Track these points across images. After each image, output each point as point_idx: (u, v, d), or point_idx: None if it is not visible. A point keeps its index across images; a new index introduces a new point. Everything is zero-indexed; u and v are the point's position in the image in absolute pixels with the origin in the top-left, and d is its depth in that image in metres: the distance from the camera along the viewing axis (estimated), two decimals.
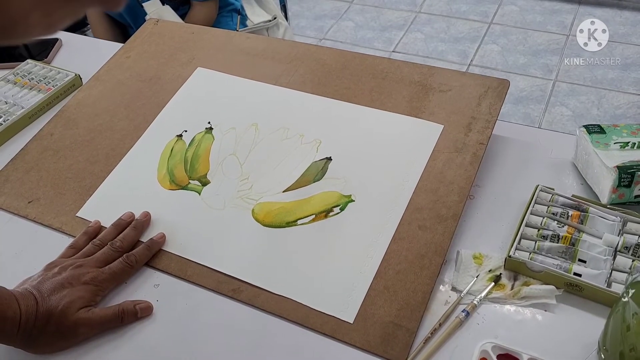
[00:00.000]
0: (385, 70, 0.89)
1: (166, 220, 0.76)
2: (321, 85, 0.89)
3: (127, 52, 1.02)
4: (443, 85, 0.85)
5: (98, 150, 0.87)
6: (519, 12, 2.72)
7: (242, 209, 0.76)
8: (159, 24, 1.07)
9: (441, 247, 0.68)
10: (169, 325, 0.67)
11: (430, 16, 2.76)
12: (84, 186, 0.82)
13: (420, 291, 0.65)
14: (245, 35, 1.04)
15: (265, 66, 0.94)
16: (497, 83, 0.84)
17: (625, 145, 0.74)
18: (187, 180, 0.81)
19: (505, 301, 0.65)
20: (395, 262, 0.68)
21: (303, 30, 2.74)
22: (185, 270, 0.71)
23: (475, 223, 0.74)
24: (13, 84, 1.04)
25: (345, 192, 0.76)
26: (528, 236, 0.70)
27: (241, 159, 0.82)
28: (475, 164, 0.75)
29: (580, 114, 2.17)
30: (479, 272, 0.68)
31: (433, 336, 0.63)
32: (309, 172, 0.79)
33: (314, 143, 0.82)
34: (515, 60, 2.44)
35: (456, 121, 0.80)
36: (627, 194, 0.71)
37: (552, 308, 0.64)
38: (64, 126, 0.92)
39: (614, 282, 0.64)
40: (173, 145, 0.85)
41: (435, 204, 0.72)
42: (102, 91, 0.96)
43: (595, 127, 0.77)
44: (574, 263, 0.66)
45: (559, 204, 0.73)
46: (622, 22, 2.57)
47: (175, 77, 0.96)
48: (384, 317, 0.64)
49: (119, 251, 0.71)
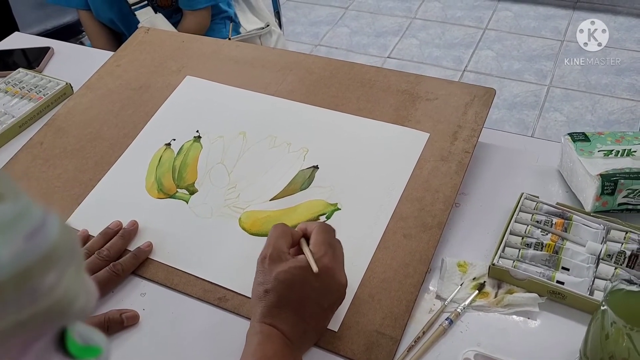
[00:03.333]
0: (372, 78, 0.90)
1: (154, 229, 0.77)
2: (309, 93, 0.90)
3: (118, 60, 1.03)
4: (430, 93, 0.86)
5: (87, 159, 0.87)
6: (513, 17, 2.74)
7: (229, 217, 0.77)
8: (150, 33, 1.08)
9: (426, 256, 0.69)
10: (155, 334, 0.67)
11: (425, 22, 2.77)
12: (73, 195, 0.82)
13: (404, 300, 0.66)
14: (235, 44, 1.05)
15: (254, 74, 0.95)
16: (483, 92, 0.84)
17: (609, 153, 0.75)
18: (174, 189, 0.81)
19: (489, 309, 0.66)
20: (380, 271, 0.68)
21: (298, 37, 2.75)
22: (172, 278, 0.72)
23: (460, 231, 0.74)
24: (4, 92, 1.04)
25: (332, 200, 0.76)
26: (512, 244, 0.70)
27: (229, 168, 0.82)
28: (460, 172, 0.76)
29: (575, 119, 2.18)
30: (463, 280, 0.68)
31: (417, 344, 0.63)
32: (295, 181, 0.79)
33: (301, 151, 0.82)
34: (510, 66, 2.45)
35: (442, 130, 0.81)
36: (610, 201, 0.71)
37: (535, 316, 0.65)
38: (53, 135, 0.92)
39: (596, 290, 0.64)
40: (161, 153, 0.86)
41: (420, 212, 0.73)
42: (92, 100, 0.97)
43: (579, 135, 0.78)
44: (557, 271, 0.67)
45: (543, 211, 0.73)
46: (616, 28, 2.59)
47: (165, 86, 0.96)
48: (368, 325, 0.64)
49: (105, 260, 0.72)
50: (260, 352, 0.56)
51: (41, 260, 0.23)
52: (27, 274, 0.22)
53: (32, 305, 0.23)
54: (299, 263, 0.59)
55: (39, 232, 0.23)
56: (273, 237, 0.62)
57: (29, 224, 0.23)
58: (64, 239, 0.24)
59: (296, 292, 0.59)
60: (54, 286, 0.23)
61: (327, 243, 0.61)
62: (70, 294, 0.24)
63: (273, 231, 0.62)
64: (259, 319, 0.58)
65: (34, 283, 0.22)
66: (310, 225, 0.63)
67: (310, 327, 0.60)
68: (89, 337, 0.26)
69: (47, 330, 0.24)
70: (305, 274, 0.58)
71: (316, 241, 0.61)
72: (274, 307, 0.58)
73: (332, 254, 0.61)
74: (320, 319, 0.61)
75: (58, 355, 0.24)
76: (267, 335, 0.57)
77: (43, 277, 0.23)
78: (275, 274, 0.58)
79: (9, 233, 0.22)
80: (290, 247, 0.62)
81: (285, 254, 0.60)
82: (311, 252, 0.60)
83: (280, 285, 0.58)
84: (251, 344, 0.57)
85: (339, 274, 0.61)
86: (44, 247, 0.23)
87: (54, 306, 0.24)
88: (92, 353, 0.26)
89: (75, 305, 0.25)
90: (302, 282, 0.58)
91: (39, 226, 0.23)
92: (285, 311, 0.58)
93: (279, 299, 0.58)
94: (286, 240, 0.62)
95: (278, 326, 0.58)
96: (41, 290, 0.23)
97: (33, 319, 0.23)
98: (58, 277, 0.23)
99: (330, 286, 0.60)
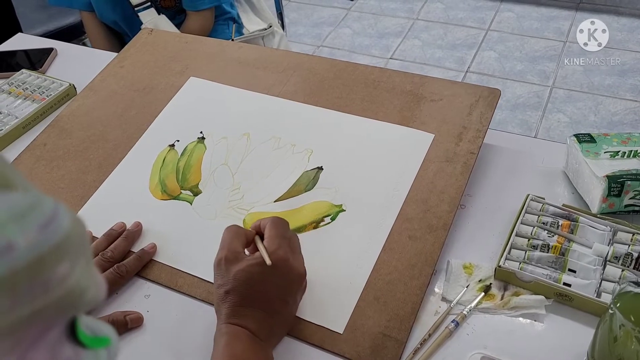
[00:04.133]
0: (377, 79, 0.89)
1: (157, 231, 0.76)
2: (313, 94, 0.89)
3: (121, 61, 1.03)
4: (434, 94, 0.85)
5: (91, 160, 0.87)
6: (516, 18, 2.73)
7: (234, 219, 0.76)
8: (153, 34, 1.07)
9: (431, 257, 0.68)
10: (159, 336, 0.67)
11: (428, 23, 2.77)
12: (76, 196, 0.82)
13: (410, 302, 0.65)
14: (238, 45, 1.05)
15: (258, 76, 0.94)
16: (488, 92, 0.84)
17: (615, 155, 0.74)
18: (178, 190, 0.81)
19: (495, 311, 0.65)
20: (385, 273, 0.68)
21: (301, 38, 2.75)
22: (176, 280, 0.71)
23: (466, 232, 0.74)
24: (7, 93, 1.04)
25: (336, 201, 0.76)
26: (518, 246, 0.70)
27: (233, 169, 0.82)
28: (466, 173, 0.75)
29: (577, 120, 2.18)
30: (469, 282, 0.68)
31: (422, 347, 0.63)
32: (300, 182, 0.79)
33: (305, 152, 0.82)
34: (512, 67, 2.45)
35: (447, 131, 0.80)
36: (617, 203, 0.71)
37: (542, 318, 0.64)
38: (57, 136, 0.92)
39: (603, 292, 0.64)
40: (165, 155, 0.86)
41: (425, 213, 0.72)
42: (96, 101, 0.96)
43: (585, 136, 0.77)
44: (564, 273, 0.66)
45: (549, 213, 0.73)
46: (619, 29, 2.58)
47: (169, 87, 0.96)
48: (373, 327, 0.64)
49: (109, 261, 0.72)
50: (228, 351, 0.56)
51: (54, 250, 0.23)
52: (41, 264, 0.22)
53: (45, 294, 0.23)
54: (255, 260, 0.60)
55: (52, 222, 0.23)
56: (227, 239, 0.62)
57: (43, 214, 0.23)
58: (75, 230, 0.24)
59: (256, 288, 0.59)
60: (66, 276, 0.23)
61: (281, 236, 0.62)
62: (81, 284, 0.25)
63: (226, 233, 0.63)
64: (224, 320, 0.59)
65: (47, 273, 0.23)
66: (263, 222, 0.64)
67: (276, 320, 0.61)
68: (97, 329, 0.27)
69: (59, 320, 0.25)
70: (262, 270, 0.59)
71: (269, 236, 0.62)
72: (238, 306, 0.59)
73: (287, 246, 0.62)
74: (285, 311, 0.62)
75: (69, 345, 0.25)
76: (233, 334, 0.58)
77: (56, 267, 0.23)
78: (234, 274, 0.59)
79: (24, 222, 0.22)
80: (245, 246, 0.63)
81: (241, 254, 0.61)
82: (265, 247, 0.61)
83: (240, 285, 0.59)
84: (219, 345, 0.58)
85: (296, 264, 0.62)
86: (57, 237, 0.23)
87: (66, 296, 0.24)
88: (102, 343, 0.26)
89: (85, 295, 0.25)
90: (260, 278, 0.59)
91: (52, 216, 0.23)
92: (249, 309, 0.59)
93: (240, 298, 0.59)
94: (240, 241, 0.63)
95: (244, 324, 0.58)
96: (54, 280, 0.23)
97: (46, 309, 0.23)
98: (70, 268, 0.24)
99: (288, 277, 0.61)
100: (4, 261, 0.21)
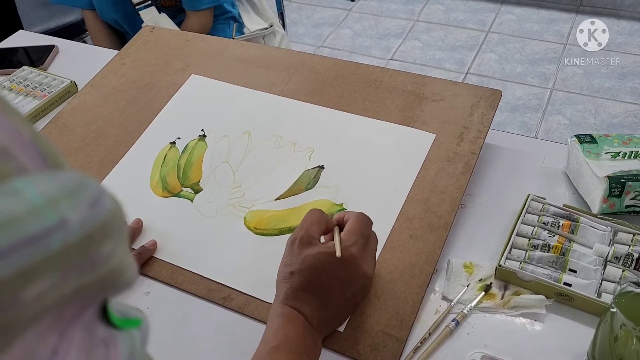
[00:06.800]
0: (378, 79, 0.89)
1: (158, 228, 0.76)
2: (314, 93, 0.89)
3: (123, 58, 1.03)
4: (436, 94, 0.86)
5: (92, 157, 0.87)
6: (516, 20, 2.74)
7: (234, 216, 0.76)
8: (155, 31, 1.07)
9: (432, 257, 0.68)
10: (159, 333, 0.66)
11: (428, 24, 2.77)
12: None
13: (410, 300, 0.65)
14: (240, 43, 1.05)
15: (260, 74, 0.94)
16: (490, 93, 0.84)
17: (616, 155, 0.74)
18: (179, 188, 0.81)
19: (496, 311, 0.65)
20: (385, 271, 0.68)
21: (301, 38, 2.75)
22: (176, 277, 0.71)
23: (467, 232, 0.74)
24: (9, 90, 1.04)
25: (337, 200, 0.76)
26: (519, 245, 0.70)
27: (234, 167, 0.82)
28: (467, 173, 0.75)
29: (577, 122, 2.18)
30: (469, 282, 0.68)
31: (423, 345, 0.63)
32: (301, 181, 0.79)
33: (306, 151, 0.82)
34: (513, 69, 2.45)
35: (448, 131, 0.81)
36: (617, 204, 0.71)
37: (542, 318, 0.64)
38: (58, 133, 0.92)
39: (604, 292, 0.64)
40: (166, 152, 0.86)
41: (426, 213, 0.72)
42: (97, 98, 0.96)
43: (586, 136, 0.78)
44: (565, 273, 0.66)
45: (550, 213, 0.73)
46: (619, 32, 2.58)
47: (170, 84, 0.96)
48: (374, 326, 0.64)
49: None
50: (283, 334, 0.57)
51: (101, 228, 0.23)
52: (90, 241, 0.23)
53: (92, 272, 0.23)
54: (327, 249, 0.60)
55: (99, 200, 0.24)
56: (307, 221, 0.62)
57: (91, 192, 0.24)
58: (117, 211, 0.25)
59: (321, 277, 0.59)
60: (110, 255, 0.24)
61: (359, 233, 0.62)
62: (122, 264, 0.25)
63: (309, 215, 0.63)
64: (282, 300, 0.59)
65: (95, 250, 0.23)
66: (348, 215, 0.64)
67: (331, 313, 0.61)
68: (127, 311, 0.27)
69: (99, 298, 0.25)
70: (331, 260, 0.59)
71: (349, 230, 0.62)
72: (299, 289, 0.59)
73: (363, 245, 0.61)
74: (342, 307, 0.62)
75: (102, 325, 0.25)
76: (289, 317, 0.58)
77: (102, 245, 0.24)
78: (303, 257, 0.59)
79: (76, 199, 0.23)
80: (322, 233, 0.63)
81: (316, 240, 0.61)
82: (340, 240, 0.60)
83: (305, 269, 0.59)
84: (273, 325, 0.58)
85: (366, 265, 0.62)
86: (104, 216, 0.24)
87: (108, 275, 0.24)
88: (133, 324, 0.27)
89: (125, 275, 0.26)
90: (327, 268, 0.59)
91: (98, 195, 0.24)
92: (309, 295, 0.59)
93: (303, 282, 0.59)
94: (319, 227, 0.62)
95: (301, 309, 0.59)
96: (100, 258, 0.24)
97: (90, 286, 0.24)
98: (113, 247, 0.24)
99: (354, 275, 0.61)
100: (58, 236, 0.22)
